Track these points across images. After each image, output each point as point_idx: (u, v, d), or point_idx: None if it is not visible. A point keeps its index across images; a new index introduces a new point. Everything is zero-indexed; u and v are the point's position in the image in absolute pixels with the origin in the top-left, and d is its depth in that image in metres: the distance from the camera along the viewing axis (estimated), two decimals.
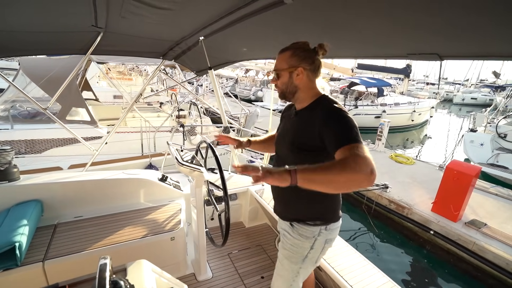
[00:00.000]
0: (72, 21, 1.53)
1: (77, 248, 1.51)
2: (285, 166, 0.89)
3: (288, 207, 1.29)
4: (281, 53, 1.18)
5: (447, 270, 3.97)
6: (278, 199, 1.34)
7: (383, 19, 0.99)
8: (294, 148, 1.16)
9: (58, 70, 3.87)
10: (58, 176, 1.89)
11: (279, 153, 1.32)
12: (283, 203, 1.31)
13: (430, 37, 1.04)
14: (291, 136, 1.20)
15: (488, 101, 26.31)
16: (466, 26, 0.88)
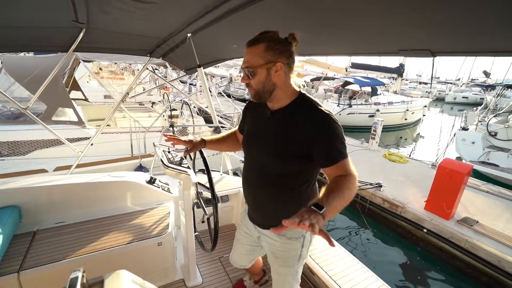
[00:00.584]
0: (52, 15, 1.45)
1: (57, 257, 1.42)
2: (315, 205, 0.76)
3: (268, 215, 1.20)
4: (252, 46, 1.00)
5: (440, 267, 3.98)
6: (256, 207, 1.24)
7: (375, 15, 0.95)
8: (282, 155, 1.05)
9: (43, 68, 3.74)
10: (39, 179, 1.80)
11: (252, 156, 1.18)
12: (262, 211, 1.22)
13: (422, 33, 1.01)
14: (272, 140, 1.08)
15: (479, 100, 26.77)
16: (458, 22, 0.85)
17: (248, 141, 1.21)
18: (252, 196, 1.23)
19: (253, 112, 1.21)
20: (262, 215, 1.23)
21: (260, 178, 1.15)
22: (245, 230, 1.38)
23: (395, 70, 15.95)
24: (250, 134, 1.20)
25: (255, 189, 1.21)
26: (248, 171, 1.22)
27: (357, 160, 6.95)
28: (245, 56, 1.02)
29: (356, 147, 8.10)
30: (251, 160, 1.20)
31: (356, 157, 7.18)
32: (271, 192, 1.14)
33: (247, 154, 1.22)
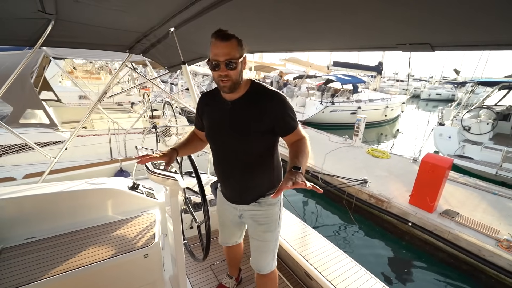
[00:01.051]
0: (14, 4, 1.27)
1: (27, 278, 1.25)
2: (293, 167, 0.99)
3: (249, 191, 1.34)
4: (228, 41, 1.09)
5: (425, 259, 4.10)
6: (236, 188, 1.36)
7: (372, 7, 0.89)
8: (250, 137, 1.21)
9: (6, 67, 3.40)
10: (5, 190, 1.59)
11: (222, 145, 1.30)
12: (243, 189, 1.35)
13: (421, 27, 0.96)
14: (239, 127, 1.21)
15: (451, 96, 28.28)
16: (459, 14, 0.80)
17: (214, 133, 1.30)
18: (231, 180, 1.36)
19: (210, 106, 1.30)
20: (243, 193, 1.36)
21: (236, 161, 1.28)
22: (226, 214, 1.50)
23: (374, 68, 16.42)
24: (214, 126, 1.29)
25: (233, 173, 1.32)
26: (221, 159, 1.33)
27: (342, 157, 7.05)
28: (222, 49, 1.08)
29: (340, 144, 8.23)
30: (220, 149, 1.31)
31: (340, 154, 7.28)
32: (249, 170, 1.29)
33: (215, 144, 1.32)
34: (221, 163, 1.34)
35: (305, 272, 1.72)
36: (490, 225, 4.05)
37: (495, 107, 8.39)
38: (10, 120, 3.59)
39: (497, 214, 4.42)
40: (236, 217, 1.47)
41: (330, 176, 5.77)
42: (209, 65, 1.13)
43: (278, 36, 1.51)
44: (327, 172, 5.88)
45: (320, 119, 11.94)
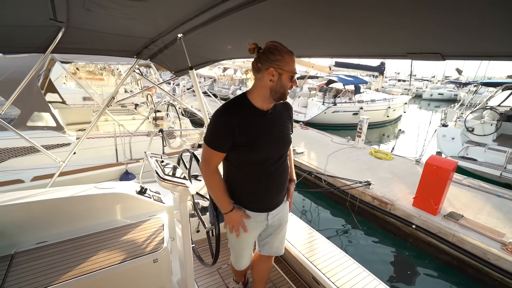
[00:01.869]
0: (26, 13, 1.29)
1: (39, 284, 1.27)
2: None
3: (284, 189, 1.44)
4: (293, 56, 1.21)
5: (428, 262, 4.10)
6: (278, 192, 1.40)
7: (383, 15, 0.89)
8: (289, 139, 1.37)
9: (14, 70, 3.44)
10: (16, 195, 1.61)
11: (271, 153, 1.30)
12: (282, 192, 1.43)
13: (432, 36, 0.97)
14: (284, 133, 1.33)
15: (453, 96, 28.14)
16: (470, 26, 0.81)
17: (263, 145, 1.26)
18: (280, 186, 1.39)
19: (247, 120, 1.23)
20: (280, 195, 1.42)
21: (282, 167, 1.35)
22: (252, 234, 1.46)
23: (376, 69, 16.37)
24: (261, 139, 1.25)
25: (282, 178, 1.37)
26: (271, 168, 1.31)
27: (345, 158, 7.04)
28: (294, 63, 1.21)
29: (342, 145, 8.22)
30: (269, 157, 1.29)
31: (343, 155, 7.28)
32: (287, 170, 1.41)
33: (264, 154, 1.27)
34: (270, 171, 1.31)
35: (312, 277, 1.73)
36: (495, 228, 4.04)
37: (499, 108, 8.36)
38: (18, 123, 3.63)
39: (502, 217, 4.41)
40: (259, 231, 1.48)
41: (333, 177, 5.77)
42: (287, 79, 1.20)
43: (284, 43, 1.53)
44: (330, 173, 5.88)
45: (322, 120, 11.93)
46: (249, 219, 1.38)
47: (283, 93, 1.22)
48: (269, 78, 1.18)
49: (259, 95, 1.23)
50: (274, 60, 1.16)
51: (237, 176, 1.33)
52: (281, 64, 1.16)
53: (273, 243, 1.55)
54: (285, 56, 1.17)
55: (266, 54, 1.17)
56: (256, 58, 1.21)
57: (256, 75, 1.23)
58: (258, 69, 1.20)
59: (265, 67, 1.17)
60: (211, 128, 1.24)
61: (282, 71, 1.17)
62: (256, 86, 1.24)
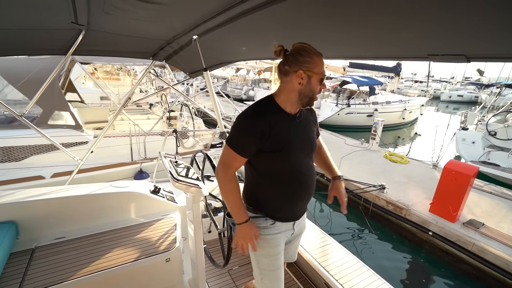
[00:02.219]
0: (49, 17, 1.34)
1: (57, 278, 1.31)
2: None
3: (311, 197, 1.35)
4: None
5: (446, 270, 3.94)
6: (307, 199, 1.32)
7: (404, 15, 0.86)
8: (316, 143, 1.32)
9: (38, 71, 3.59)
10: (36, 192, 1.68)
11: (301, 158, 1.22)
12: (310, 196, 1.33)
13: (456, 37, 0.92)
14: (312, 137, 1.28)
15: (473, 98, 27.06)
16: (498, 24, 0.76)
17: (292, 150, 1.18)
18: (309, 193, 1.29)
19: (277, 123, 1.14)
20: (307, 203, 1.35)
21: (309, 172, 1.26)
22: (283, 245, 1.32)
23: (392, 69, 15.99)
24: (290, 143, 1.17)
25: (308, 185, 1.27)
26: (297, 174, 1.22)
27: (358, 161, 6.90)
28: (324, 66, 1.14)
29: (356, 147, 8.06)
30: (298, 163, 1.21)
31: (356, 158, 7.14)
32: (315, 178, 1.33)
33: (294, 160, 1.20)
34: (299, 178, 1.23)
35: (324, 283, 1.69)
36: None
37: None
38: (39, 121, 3.79)
39: None
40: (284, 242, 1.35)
41: (346, 180, 5.66)
42: (316, 82, 1.13)
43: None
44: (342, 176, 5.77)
45: (335, 121, 11.76)
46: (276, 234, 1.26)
47: (312, 97, 1.16)
48: (298, 81, 1.11)
49: (288, 99, 1.16)
50: (303, 62, 1.09)
51: (262, 183, 1.23)
52: (310, 66, 1.09)
53: (288, 250, 1.46)
54: (315, 57, 1.10)
55: (294, 55, 1.10)
56: (283, 60, 1.14)
57: (283, 78, 1.15)
58: (286, 72, 1.13)
59: (294, 69, 1.10)
60: (237, 129, 1.15)
61: (312, 73, 1.10)
62: (283, 90, 1.17)
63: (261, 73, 20.63)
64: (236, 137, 1.14)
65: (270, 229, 1.25)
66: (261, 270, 1.29)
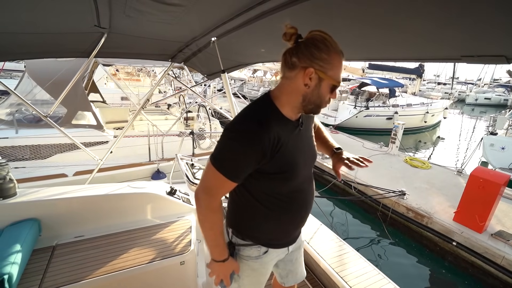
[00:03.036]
0: (73, 21, 1.37)
1: (76, 277, 1.34)
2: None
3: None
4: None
5: (471, 284, 3.71)
6: (308, 215, 1.10)
7: (436, 14, 0.79)
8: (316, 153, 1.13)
9: (64, 72, 3.76)
10: (58, 190, 1.73)
11: (305, 173, 1.01)
12: (308, 215, 1.11)
13: (495, 35, 0.84)
14: (313, 146, 1.08)
15: (502, 101, 25.57)
16: None
17: (298, 168, 0.95)
18: (306, 215, 1.09)
19: (282, 136, 0.89)
20: (305, 222, 1.13)
21: (311, 189, 1.08)
22: (270, 270, 1.16)
23: (414, 71, 15.41)
24: (295, 160, 0.94)
25: (309, 205, 1.08)
26: (300, 196, 1.03)
27: (377, 165, 6.68)
28: (341, 71, 0.88)
29: (375, 151, 7.82)
30: (302, 182, 1.01)
31: (375, 162, 6.91)
32: (314, 193, 1.12)
33: (299, 181, 0.99)
34: (301, 200, 1.04)
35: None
36: None
37: None
38: (64, 121, 3.96)
39: None
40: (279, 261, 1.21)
41: (364, 185, 5.49)
42: (327, 88, 0.87)
43: None
44: (360, 181, 5.61)
45: (353, 124, 11.47)
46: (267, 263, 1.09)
47: (318, 106, 0.89)
48: (305, 81, 0.84)
49: (288, 102, 0.90)
50: (318, 58, 0.82)
51: (257, 208, 0.99)
52: (325, 66, 0.83)
53: (296, 270, 1.27)
54: (334, 55, 0.83)
55: (309, 46, 0.82)
56: (293, 48, 0.85)
57: (286, 73, 0.88)
58: (292, 65, 0.85)
59: (303, 64, 0.83)
60: (232, 147, 0.85)
61: (324, 75, 0.83)
62: (284, 89, 0.89)
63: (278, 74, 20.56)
64: (229, 158, 0.86)
65: (261, 258, 1.06)
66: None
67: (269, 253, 1.07)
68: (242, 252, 1.05)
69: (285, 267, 1.23)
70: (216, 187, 0.90)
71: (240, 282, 1.09)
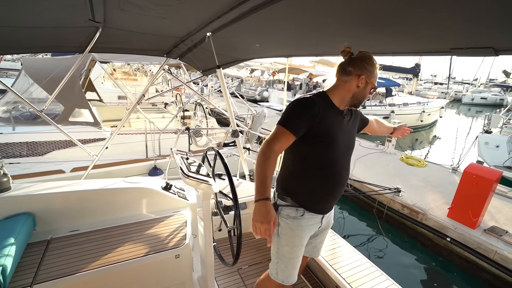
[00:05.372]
0: (67, 15, 1.38)
1: (71, 270, 1.35)
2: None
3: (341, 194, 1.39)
4: None
5: (464, 279, 3.76)
6: (339, 194, 1.35)
7: (422, 6, 0.81)
8: (355, 139, 1.42)
9: (60, 70, 3.76)
10: (53, 185, 1.74)
11: (344, 156, 1.31)
12: (341, 192, 1.36)
13: (484, 28, 0.86)
14: (354, 138, 1.38)
15: (498, 101, 25.76)
16: None
17: (336, 141, 1.25)
18: (341, 187, 1.33)
19: (329, 113, 1.24)
20: (337, 199, 1.37)
21: (346, 168, 1.33)
22: (307, 236, 1.36)
23: (410, 70, 15.50)
24: (335, 134, 1.25)
25: (343, 180, 1.32)
26: (336, 167, 1.28)
27: (373, 163, 6.73)
28: (376, 79, 1.26)
29: (371, 149, 7.87)
30: (338, 156, 1.27)
31: (372, 160, 6.96)
32: (347, 176, 1.37)
33: (336, 152, 1.26)
34: (336, 171, 1.28)
35: (336, 286, 1.65)
36: None
37: None
38: (61, 118, 3.95)
39: None
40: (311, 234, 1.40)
41: (360, 182, 5.54)
42: (369, 90, 1.26)
43: (316, 40, 1.48)
44: (356, 178, 5.65)
45: None
46: (304, 226, 1.28)
47: (360, 102, 1.28)
48: (357, 84, 1.22)
49: (339, 96, 1.26)
50: (367, 70, 1.21)
51: (301, 171, 1.27)
52: (371, 75, 1.22)
53: (315, 245, 1.50)
54: (375, 69, 1.23)
55: (362, 61, 1.21)
56: (348, 60, 1.24)
57: (341, 77, 1.25)
58: (348, 72, 1.23)
59: (358, 72, 1.21)
60: (292, 109, 1.20)
61: (370, 81, 1.22)
62: (338, 87, 1.26)
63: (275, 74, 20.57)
64: (290, 114, 1.20)
65: (299, 220, 1.28)
66: (279, 255, 1.33)
67: (305, 216, 1.29)
68: (283, 212, 1.30)
69: (309, 240, 1.43)
70: (278, 137, 1.17)
71: (278, 239, 1.31)
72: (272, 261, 1.39)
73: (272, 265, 1.39)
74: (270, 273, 1.40)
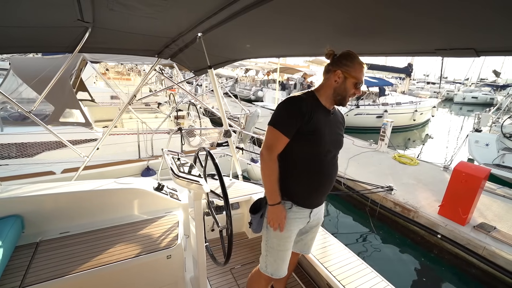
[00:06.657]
0: (56, 14, 1.37)
1: (61, 272, 1.34)
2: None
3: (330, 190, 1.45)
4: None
5: (455, 275, 3.83)
6: (327, 190, 1.41)
7: (407, 9, 0.83)
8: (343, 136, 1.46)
9: (50, 69, 3.69)
10: (42, 187, 1.72)
11: (328, 149, 1.34)
12: (330, 188, 1.42)
13: (465, 30, 0.89)
14: (342, 132, 1.43)
15: (488, 100, 26.25)
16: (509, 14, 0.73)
17: (323, 138, 1.30)
18: (328, 183, 1.39)
19: (317, 113, 1.29)
20: (326, 195, 1.44)
21: (335, 166, 1.40)
22: (296, 230, 1.42)
23: (403, 70, 15.67)
24: (323, 131, 1.30)
25: (331, 177, 1.38)
26: (325, 163, 1.34)
27: (366, 162, 6.81)
28: (362, 73, 1.30)
29: (364, 148, 7.95)
30: (326, 153, 1.33)
31: (365, 159, 7.04)
32: (336, 173, 1.43)
33: (322, 149, 1.31)
34: (325, 167, 1.35)
35: (327, 284, 1.67)
36: None
37: None
38: (51, 118, 3.89)
39: None
40: (300, 229, 1.46)
41: (353, 181, 5.59)
42: (351, 84, 1.29)
43: (308, 40, 1.49)
44: (350, 177, 5.71)
45: None
46: (291, 218, 1.37)
47: (344, 97, 1.31)
48: (335, 79, 1.28)
49: (324, 94, 1.33)
50: (344, 65, 1.26)
51: (289, 167, 1.33)
52: (349, 69, 1.26)
53: (306, 242, 1.57)
54: (355, 63, 1.26)
55: (340, 57, 1.28)
56: (330, 61, 1.32)
57: (325, 76, 1.34)
58: (328, 70, 1.31)
59: (334, 69, 1.28)
60: (283, 110, 1.27)
61: (348, 75, 1.26)
62: (322, 85, 1.34)
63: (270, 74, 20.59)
64: (282, 117, 1.27)
65: (287, 212, 1.36)
66: (268, 248, 1.40)
67: (293, 210, 1.36)
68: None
69: (298, 235, 1.50)
70: (273, 142, 1.27)
71: (267, 231, 1.40)
72: (262, 255, 1.45)
73: (262, 259, 1.45)
74: (260, 267, 1.47)
